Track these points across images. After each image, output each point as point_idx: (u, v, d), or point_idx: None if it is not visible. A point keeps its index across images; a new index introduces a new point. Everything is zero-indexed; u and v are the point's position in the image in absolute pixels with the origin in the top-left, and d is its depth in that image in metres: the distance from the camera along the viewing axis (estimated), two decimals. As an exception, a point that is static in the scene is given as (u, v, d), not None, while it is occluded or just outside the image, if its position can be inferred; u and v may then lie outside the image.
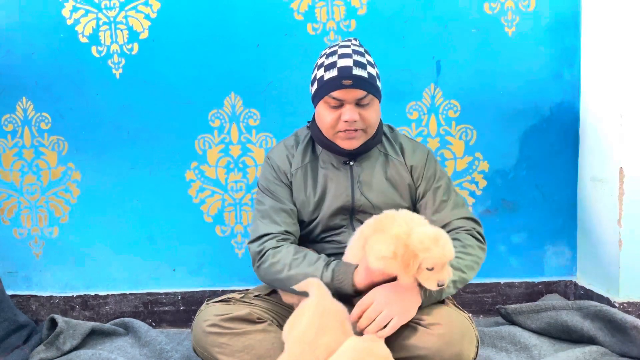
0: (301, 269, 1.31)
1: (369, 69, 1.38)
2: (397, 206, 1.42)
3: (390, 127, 1.56)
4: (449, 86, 1.90)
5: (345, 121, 1.36)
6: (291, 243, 1.41)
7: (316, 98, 1.41)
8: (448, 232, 1.32)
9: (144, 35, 1.86)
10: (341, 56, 1.37)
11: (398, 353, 1.22)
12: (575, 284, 1.95)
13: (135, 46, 1.86)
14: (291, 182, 1.47)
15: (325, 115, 1.39)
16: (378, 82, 1.41)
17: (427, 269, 1.15)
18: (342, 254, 1.43)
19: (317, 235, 1.49)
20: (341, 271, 1.29)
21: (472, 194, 1.95)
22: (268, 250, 1.37)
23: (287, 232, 1.42)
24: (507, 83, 1.91)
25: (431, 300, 1.25)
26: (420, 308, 1.24)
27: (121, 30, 1.86)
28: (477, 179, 1.95)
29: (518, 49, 1.89)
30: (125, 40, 1.86)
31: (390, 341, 1.24)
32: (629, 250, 1.74)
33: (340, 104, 1.36)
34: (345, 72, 1.34)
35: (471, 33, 1.88)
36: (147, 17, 1.86)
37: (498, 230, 1.96)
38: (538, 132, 1.93)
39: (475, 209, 1.95)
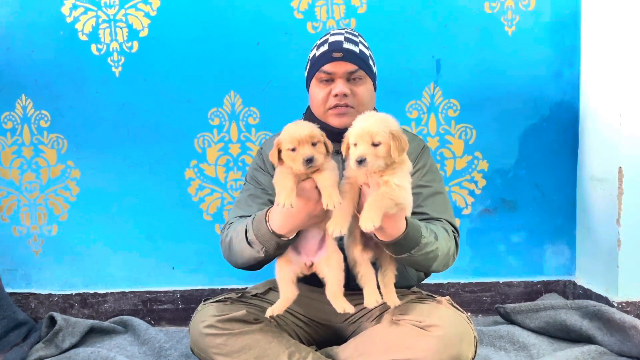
0: (239, 228, 1.28)
1: (361, 47, 1.37)
2: None
3: None
4: (449, 85, 1.90)
5: (336, 95, 1.34)
6: None
7: (309, 78, 1.40)
8: (428, 220, 1.34)
9: (144, 34, 1.86)
10: (333, 34, 1.38)
11: (396, 354, 1.22)
12: (574, 284, 1.95)
13: (135, 44, 1.86)
14: None
15: (316, 93, 1.37)
16: (371, 63, 1.40)
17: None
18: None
19: None
20: (257, 216, 1.24)
21: (471, 193, 1.95)
22: (230, 227, 1.35)
23: None
24: (506, 82, 1.91)
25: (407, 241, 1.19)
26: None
27: (121, 28, 1.85)
28: (477, 178, 1.94)
29: (518, 49, 1.89)
30: (125, 38, 1.86)
31: (388, 342, 1.24)
32: (628, 250, 1.73)
33: (331, 79, 1.35)
34: (335, 45, 1.34)
35: (471, 32, 1.88)
36: (146, 15, 1.86)
37: (497, 230, 1.96)
38: (538, 132, 1.93)
39: (475, 208, 1.95)
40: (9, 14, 1.83)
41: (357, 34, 1.41)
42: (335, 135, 1.32)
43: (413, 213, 1.32)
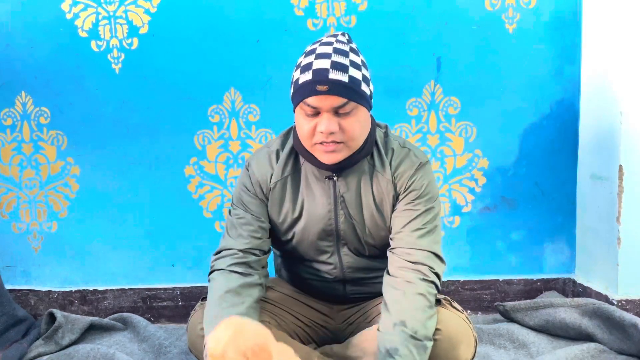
0: (206, 317, 1.19)
1: (352, 71, 1.16)
2: (383, 231, 1.30)
3: (385, 131, 1.34)
4: (449, 83, 1.90)
5: (321, 132, 1.16)
6: (250, 264, 1.25)
7: (293, 102, 1.23)
8: (400, 275, 1.19)
9: (144, 30, 1.86)
10: (318, 56, 1.17)
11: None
12: (574, 282, 1.95)
13: (135, 41, 1.86)
14: (267, 197, 1.31)
15: (302, 125, 1.20)
16: (364, 87, 1.18)
17: None
18: (333, 282, 1.37)
19: (300, 262, 1.39)
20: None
21: (471, 191, 1.95)
22: (214, 272, 1.25)
23: (251, 249, 1.26)
24: (507, 80, 1.91)
25: None
26: None
27: (121, 24, 1.85)
28: (477, 176, 1.94)
29: (518, 46, 1.89)
30: (125, 34, 1.85)
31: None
32: (628, 248, 1.74)
33: (317, 112, 1.16)
34: (320, 75, 1.14)
35: (472, 30, 1.88)
36: (146, 11, 1.85)
37: (497, 228, 1.96)
38: (538, 130, 1.93)
39: (475, 207, 1.95)
40: (8, 11, 1.83)
41: (347, 48, 1.20)
42: (326, 167, 1.24)
43: (391, 239, 1.26)
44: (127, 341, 1.69)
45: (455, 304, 1.31)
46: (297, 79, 1.19)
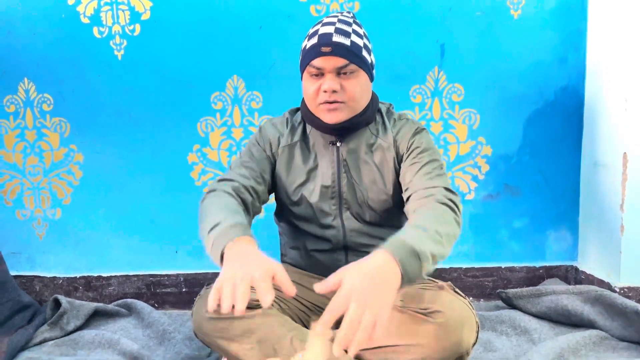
0: (204, 224, 1.20)
1: (354, 37, 1.29)
2: (384, 195, 1.38)
3: (389, 106, 1.46)
4: (453, 70, 1.89)
5: (325, 91, 1.28)
6: (246, 201, 1.29)
7: (301, 70, 1.36)
8: (423, 198, 1.22)
9: (146, 16, 1.85)
10: (324, 25, 1.31)
11: (395, 340, 1.21)
12: (576, 269, 1.96)
13: (137, 27, 1.85)
14: (275, 158, 1.42)
15: (307, 87, 1.33)
16: (365, 54, 1.31)
17: None
18: (335, 250, 1.42)
19: (304, 232, 1.45)
20: (218, 240, 1.11)
21: (474, 178, 1.94)
22: (216, 191, 1.29)
23: (251, 187, 1.32)
24: (511, 67, 1.89)
25: (411, 281, 1.03)
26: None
27: (123, 10, 1.84)
28: (480, 164, 1.94)
29: (523, 32, 1.87)
30: (127, 21, 1.84)
31: (390, 327, 1.23)
32: (631, 236, 1.74)
33: (321, 74, 1.29)
34: (324, 38, 1.27)
35: (476, 16, 1.86)
36: (149, -3, 1.84)
37: (500, 215, 1.96)
38: (542, 117, 1.92)
39: (478, 194, 1.95)
40: (10, -3, 1.82)
41: (351, 20, 1.34)
42: (330, 129, 1.35)
43: (405, 190, 1.31)
44: (131, 327, 1.70)
45: (458, 291, 1.31)
46: (305, 46, 1.33)
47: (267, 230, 1.69)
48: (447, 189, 1.24)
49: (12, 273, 1.73)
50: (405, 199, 1.31)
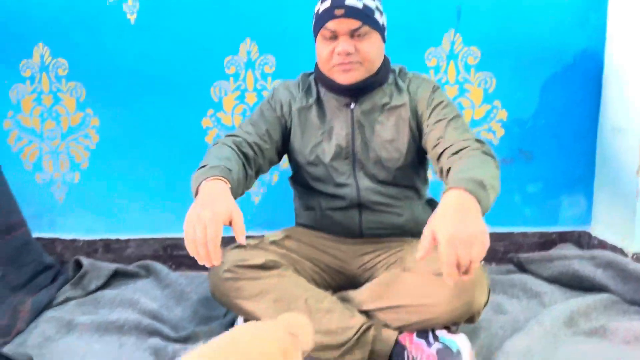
0: (210, 156, 1.29)
1: (366, 1, 1.31)
2: (400, 151, 1.40)
3: (402, 67, 1.48)
4: (469, 32, 1.85)
5: (339, 54, 1.31)
6: (247, 155, 1.34)
7: (314, 34, 1.39)
8: (456, 152, 1.25)
9: (158, -21, 1.83)
10: None
11: (410, 300, 1.24)
12: (589, 234, 1.96)
13: (149, -10, 1.83)
14: (286, 120, 1.45)
15: (321, 50, 1.35)
16: (377, 16, 1.34)
17: None
18: (349, 208, 1.44)
19: (318, 192, 1.48)
20: (197, 179, 1.21)
21: (489, 143, 1.93)
22: (217, 144, 1.36)
23: (254, 143, 1.37)
24: (529, 29, 1.85)
25: (485, 210, 1.10)
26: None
27: (135, -28, 1.82)
28: (495, 128, 1.92)
29: (543, -7, 1.83)
30: (139, -17, 1.82)
31: (403, 288, 1.26)
32: (646, 201, 1.73)
33: (335, 36, 1.32)
34: (337, 1, 1.30)
35: (494, -24, 1.82)
36: (160, -41, 1.82)
37: (514, 180, 1.95)
38: (560, 81, 1.89)
39: (492, 159, 1.94)
40: (22, -41, 1.81)
41: None
42: (343, 91, 1.38)
43: (434, 147, 1.32)
44: (150, 287, 1.75)
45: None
46: (318, 10, 1.35)
47: (281, 197, 1.71)
48: (478, 141, 1.29)
49: (34, 235, 1.77)
50: (436, 156, 1.33)
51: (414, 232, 1.47)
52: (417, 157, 1.46)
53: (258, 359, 0.84)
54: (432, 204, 1.55)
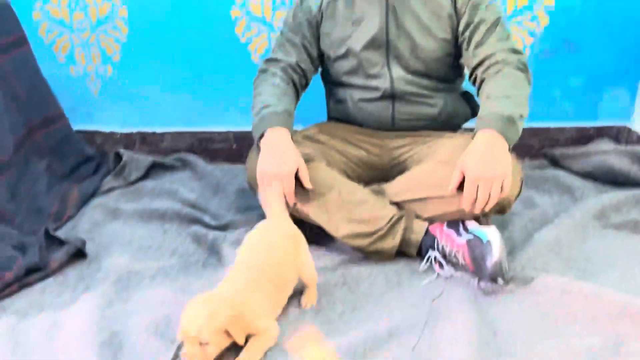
0: (254, 103, 1.43)
1: None
2: (436, 40, 1.37)
3: None
4: None
5: None
6: (294, 80, 1.44)
7: None
8: (491, 64, 1.31)
9: None
10: None
11: (443, 191, 1.24)
12: (629, 130, 1.90)
13: None
14: (317, 20, 1.43)
15: None
16: None
17: None
18: (382, 99, 1.43)
19: (351, 84, 1.46)
20: (259, 125, 1.37)
21: (531, 33, 1.83)
22: (267, 72, 1.44)
23: (297, 65, 1.44)
24: None
25: (514, 143, 1.25)
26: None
27: None
28: (540, 17, 1.81)
29: None
30: None
31: (435, 179, 1.27)
32: (694, 95, 1.65)
33: None
34: None
35: None
36: None
37: (554, 73, 1.87)
38: (615, -37, 1.74)
39: (532, 50, 1.85)
40: None
41: None
42: None
43: (473, 55, 1.33)
44: (186, 179, 1.82)
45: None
46: None
47: (312, 93, 1.69)
48: (515, 51, 1.33)
49: (74, 128, 1.82)
50: (472, 63, 1.35)
51: (446, 124, 1.46)
52: (454, 50, 1.41)
53: (277, 240, 1.13)
54: (466, 97, 1.52)
